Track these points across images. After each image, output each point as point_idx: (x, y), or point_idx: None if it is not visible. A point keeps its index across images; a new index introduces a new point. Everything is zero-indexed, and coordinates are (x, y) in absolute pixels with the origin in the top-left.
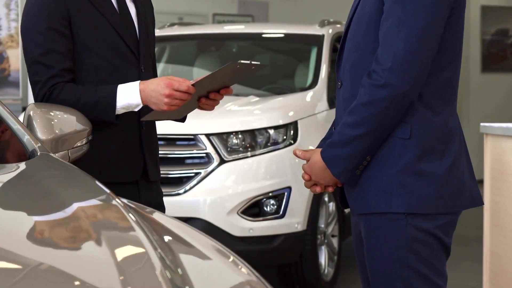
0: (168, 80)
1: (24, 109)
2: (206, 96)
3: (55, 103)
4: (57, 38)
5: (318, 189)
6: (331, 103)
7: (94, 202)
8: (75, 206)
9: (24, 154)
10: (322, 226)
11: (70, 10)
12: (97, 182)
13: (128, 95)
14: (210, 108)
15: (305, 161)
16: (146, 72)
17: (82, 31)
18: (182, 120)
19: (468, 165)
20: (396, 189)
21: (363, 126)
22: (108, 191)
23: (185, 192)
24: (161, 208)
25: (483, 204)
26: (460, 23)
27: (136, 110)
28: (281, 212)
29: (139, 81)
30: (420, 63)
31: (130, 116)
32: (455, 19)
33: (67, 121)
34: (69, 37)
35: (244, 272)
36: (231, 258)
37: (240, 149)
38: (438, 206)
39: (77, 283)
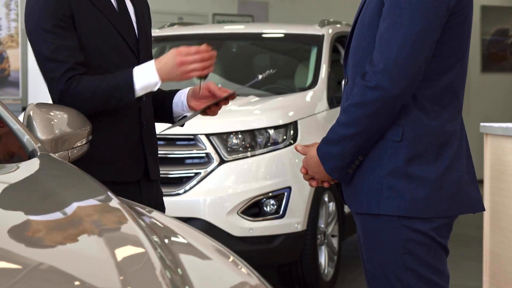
0: (175, 50)
1: (24, 109)
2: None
3: (74, 96)
4: (64, 34)
5: (314, 183)
6: (331, 103)
7: (94, 202)
8: (75, 206)
9: (24, 154)
10: (322, 226)
11: (73, 9)
12: (97, 182)
13: (145, 75)
14: (215, 114)
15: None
16: None
17: (84, 30)
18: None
19: (469, 170)
20: (386, 192)
21: (354, 126)
22: (108, 191)
23: (185, 192)
24: (161, 207)
25: (484, 210)
26: (465, 28)
27: (155, 89)
28: (281, 212)
29: (153, 60)
30: (413, 67)
31: (131, 116)
32: (458, 23)
33: (67, 121)
34: (74, 34)
35: (244, 272)
36: (231, 258)
37: (240, 149)
38: (430, 210)
39: (77, 283)
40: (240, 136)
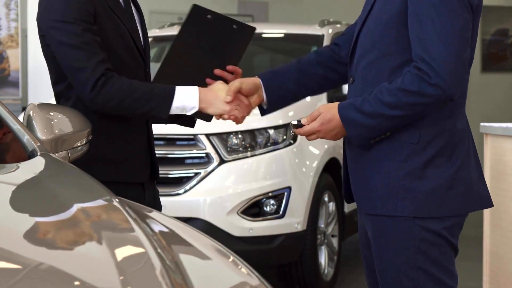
0: (225, 88)
1: (24, 109)
2: (211, 75)
3: (112, 90)
4: (91, 28)
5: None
6: (331, 102)
7: (94, 202)
8: (75, 206)
9: (24, 154)
10: (322, 226)
11: (95, 7)
12: (97, 182)
13: (186, 96)
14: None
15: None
16: (149, 73)
17: (102, 29)
18: (192, 124)
19: (477, 167)
20: (402, 193)
21: (400, 110)
22: (108, 191)
23: (185, 192)
24: (159, 205)
25: (492, 206)
26: (475, 30)
27: (189, 113)
28: (281, 212)
29: (197, 87)
30: (464, 66)
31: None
32: (473, 25)
33: (67, 121)
34: (97, 33)
35: (244, 272)
36: (231, 258)
37: (240, 149)
38: (445, 209)
39: (77, 283)
40: (240, 136)
